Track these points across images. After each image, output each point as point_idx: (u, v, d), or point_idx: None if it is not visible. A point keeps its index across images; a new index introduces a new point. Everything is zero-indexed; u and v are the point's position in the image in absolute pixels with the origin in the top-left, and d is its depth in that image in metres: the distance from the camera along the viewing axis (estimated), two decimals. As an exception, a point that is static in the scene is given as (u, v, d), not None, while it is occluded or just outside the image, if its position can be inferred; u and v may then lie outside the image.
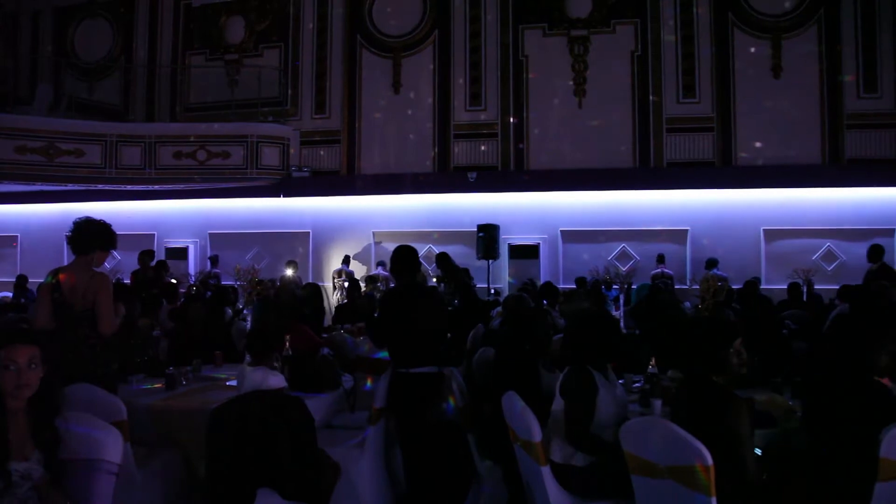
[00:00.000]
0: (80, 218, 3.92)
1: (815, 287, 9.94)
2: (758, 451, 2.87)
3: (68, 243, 3.89)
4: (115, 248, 4.00)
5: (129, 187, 12.31)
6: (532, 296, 6.82)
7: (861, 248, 11.02)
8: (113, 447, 2.49)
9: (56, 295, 3.77)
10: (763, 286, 10.49)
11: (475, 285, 9.32)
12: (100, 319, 3.79)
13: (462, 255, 11.44)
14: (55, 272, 3.86)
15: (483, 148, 12.31)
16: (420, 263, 4.32)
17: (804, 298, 9.11)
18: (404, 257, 4.19)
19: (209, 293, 8.51)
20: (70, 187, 12.30)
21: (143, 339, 4.94)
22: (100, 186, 12.22)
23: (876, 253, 8.53)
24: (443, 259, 9.33)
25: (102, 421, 2.64)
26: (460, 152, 12.39)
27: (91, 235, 3.89)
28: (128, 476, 3.07)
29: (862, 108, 11.23)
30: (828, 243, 11.22)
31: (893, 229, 10.97)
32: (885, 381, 3.13)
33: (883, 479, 2.54)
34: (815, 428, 2.86)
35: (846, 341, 3.00)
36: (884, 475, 2.53)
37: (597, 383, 3.19)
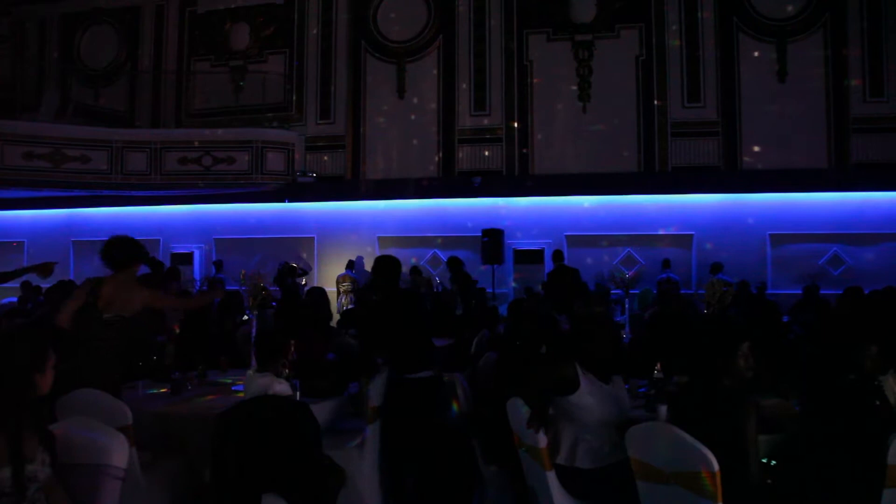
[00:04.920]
0: (114, 236, 4.11)
1: (823, 292, 9.87)
2: (763, 460, 2.86)
3: (106, 260, 4.00)
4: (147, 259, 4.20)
5: (134, 193, 12.36)
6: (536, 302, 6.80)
7: (868, 253, 11.03)
8: (118, 452, 2.50)
9: (91, 298, 3.86)
10: (769, 291, 10.47)
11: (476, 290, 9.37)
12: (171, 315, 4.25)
13: (467, 260, 11.43)
14: (97, 281, 3.94)
15: (487, 153, 12.31)
16: (399, 271, 4.49)
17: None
18: (383, 268, 4.39)
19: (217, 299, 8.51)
20: (76, 193, 12.36)
21: (147, 344, 4.96)
22: (105, 192, 12.27)
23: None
24: (452, 263, 10.02)
25: (108, 426, 2.64)
26: (464, 157, 12.40)
27: (130, 251, 4.08)
28: (133, 481, 3.07)
29: (868, 112, 11.18)
30: (834, 248, 11.18)
31: (900, 233, 10.94)
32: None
33: (891, 486, 2.53)
34: (814, 432, 2.86)
35: (831, 345, 3.02)
36: (892, 482, 2.53)
37: (579, 378, 3.21)
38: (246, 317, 7.29)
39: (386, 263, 4.40)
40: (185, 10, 13.83)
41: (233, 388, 4.30)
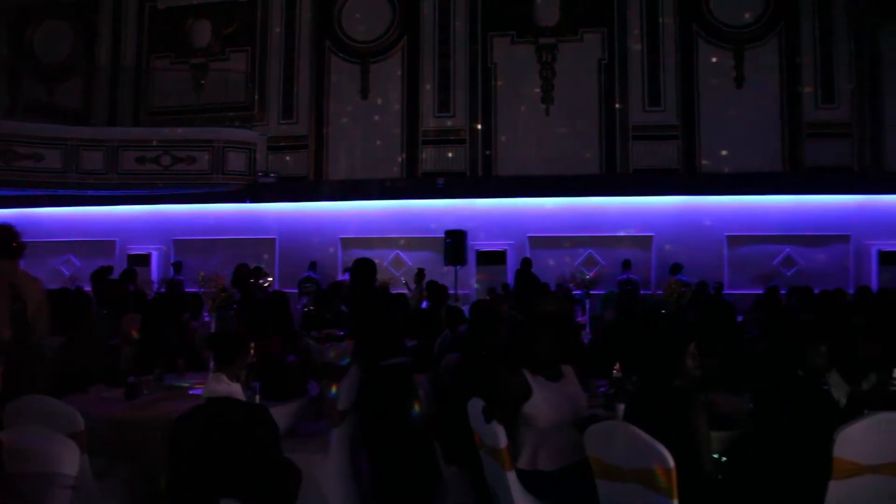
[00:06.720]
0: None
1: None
2: (715, 456, 2.93)
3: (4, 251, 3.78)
4: None
5: (90, 193, 12.04)
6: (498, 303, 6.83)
7: (818, 254, 11.38)
8: (69, 460, 2.43)
9: (17, 306, 3.71)
10: (726, 291, 10.72)
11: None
12: (41, 322, 3.88)
13: (429, 261, 11.43)
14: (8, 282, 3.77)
15: (451, 154, 12.34)
16: (375, 273, 5.16)
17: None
18: (360, 269, 5.05)
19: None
20: (28, 192, 11.99)
21: (97, 347, 4.84)
22: (60, 192, 11.93)
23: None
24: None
25: (58, 433, 2.58)
26: (428, 158, 12.41)
27: (16, 238, 3.84)
28: (84, 489, 2.99)
29: (820, 118, 11.55)
30: (787, 249, 11.49)
31: (849, 235, 11.30)
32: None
33: (836, 478, 2.62)
34: (763, 428, 2.95)
35: (783, 342, 3.12)
36: (837, 474, 2.62)
37: (530, 384, 3.23)
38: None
39: (363, 264, 5.07)
40: (144, 6, 13.55)
41: (190, 392, 4.22)
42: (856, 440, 2.65)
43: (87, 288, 9.30)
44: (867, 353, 3.56)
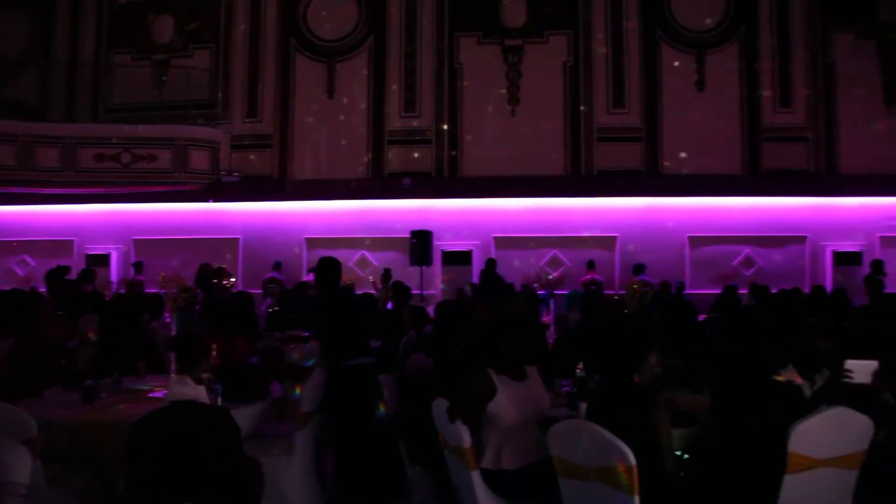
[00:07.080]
0: None
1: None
2: (677, 453, 2.98)
3: None
4: None
5: (45, 191, 11.71)
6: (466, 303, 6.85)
7: (776, 255, 11.68)
8: (20, 468, 2.36)
9: None
10: (687, 291, 10.91)
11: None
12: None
13: (395, 261, 11.41)
14: None
15: (416, 154, 12.33)
16: (340, 271, 5.10)
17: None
18: (325, 267, 4.97)
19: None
20: (-22, 189, 11.62)
21: (51, 350, 4.70)
22: (13, 189, 11.58)
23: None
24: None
25: (10, 440, 2.50)
26: (394, 158, 12.38)
27: None
28: (37, 497, 2.91)
29: (778, 122, 11.85)
30: (746, 250, 11.76)
31: (805, 237, 11.62)
32: (797, 378, 3.33)
33: (791, 472, 2.69)
34: (723, 425, 3.01)
35: (742, 341, 3.19)
36: (792, 467, 2.69)
37: (495, 384, 3.25)
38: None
39: (328, 264, 5.00)
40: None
41: (150, 395, 4.14)
42: (809, 435, 2.73)
43: (44, 289, 9.05)
44: (821, 350, 3.67)
